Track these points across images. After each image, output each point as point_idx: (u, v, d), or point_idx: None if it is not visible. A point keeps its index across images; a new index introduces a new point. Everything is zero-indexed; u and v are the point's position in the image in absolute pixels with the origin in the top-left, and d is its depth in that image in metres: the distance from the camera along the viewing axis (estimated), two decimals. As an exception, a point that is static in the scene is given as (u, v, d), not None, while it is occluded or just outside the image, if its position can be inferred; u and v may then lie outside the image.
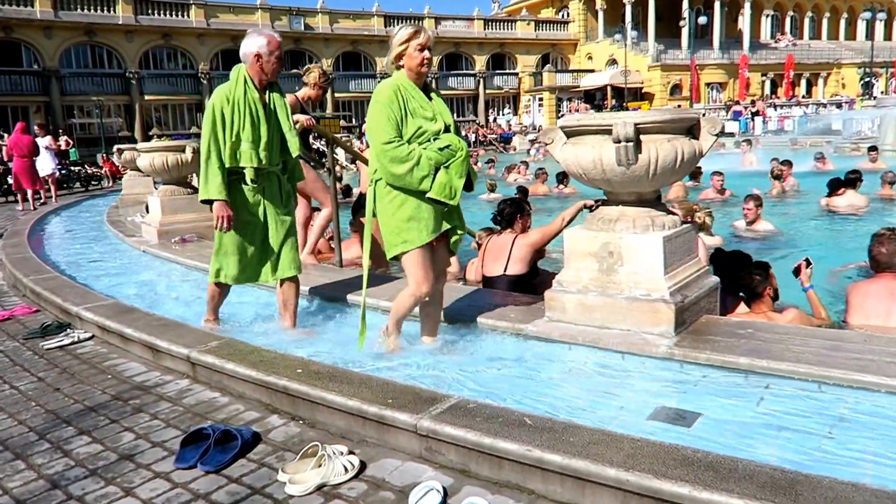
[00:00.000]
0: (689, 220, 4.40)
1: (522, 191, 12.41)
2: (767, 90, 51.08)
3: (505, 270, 5.16)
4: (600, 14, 51.00)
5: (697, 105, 42.30)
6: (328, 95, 44.22)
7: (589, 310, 3.64)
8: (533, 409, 2.92)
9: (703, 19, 47.33)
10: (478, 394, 3.13)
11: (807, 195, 12.18)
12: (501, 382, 3.31)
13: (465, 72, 49.55)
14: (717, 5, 48.72)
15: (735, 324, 3.63)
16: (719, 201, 11.39)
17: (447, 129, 3.55)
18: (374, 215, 3.61)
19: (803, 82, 53.07)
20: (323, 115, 41.65)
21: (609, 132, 3.33)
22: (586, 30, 52.17)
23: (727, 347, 3.24)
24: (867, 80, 47.59)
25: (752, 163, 18.39)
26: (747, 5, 50.36)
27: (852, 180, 10.30)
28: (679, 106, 42.83)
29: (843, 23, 57.08)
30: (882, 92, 46.02)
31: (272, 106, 4.11)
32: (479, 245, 6.07)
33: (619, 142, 3.25)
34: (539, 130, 42.89)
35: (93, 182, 22.88)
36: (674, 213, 3.70)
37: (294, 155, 4.17)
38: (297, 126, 5.89)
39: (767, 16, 54.75)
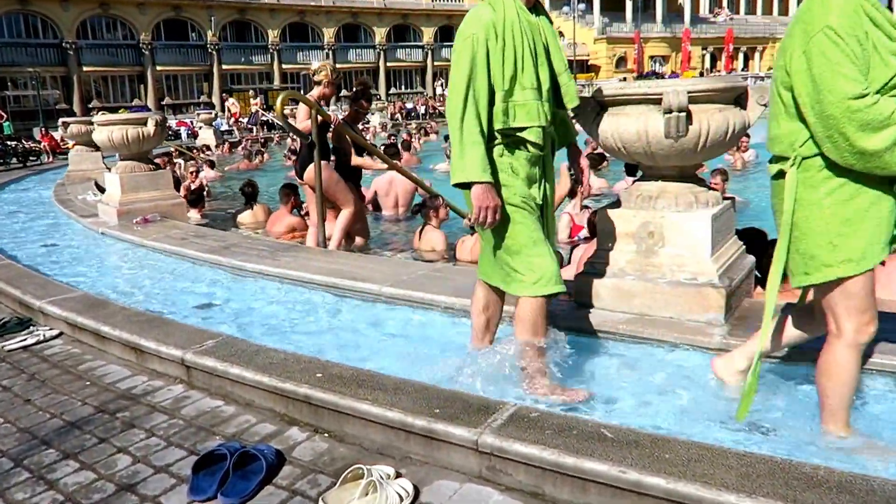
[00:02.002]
0: None
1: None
2: (708, 64, 51.75)
3: None
4: (547, -14, 50.55)
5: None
6: (275, 67, 42.71)
7: (626, 296, 3.30)
8: (586, 413, 2.58)
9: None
10: (512, 396, 2.75)
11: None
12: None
13: (413, 43, 48.56)
14: (659, -21, 48.89)
15: (786, 309, 3.33)
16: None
17: None
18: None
19: (741, 56, 53.95)
20: (270, 87, 40.34)
21: (656, 101, 2.97)
22: (533, 2, 51.65)
23: (786, 335, 2.94)
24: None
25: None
26: (687, -21, 50.72)
27: None
28: (625, 78, 42.93)
29: (776, -2, 58.23)
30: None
31: (544, 37, 2.76)
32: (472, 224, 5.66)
33: (671, 112, 2.89)
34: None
35: (31, 157, 21.37)
36: (715, 188, 3.36)
37: (572, 106, 2.88)
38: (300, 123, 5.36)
39: (706, -10, 55.35)
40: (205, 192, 9.83)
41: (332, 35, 44.51)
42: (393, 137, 17.30)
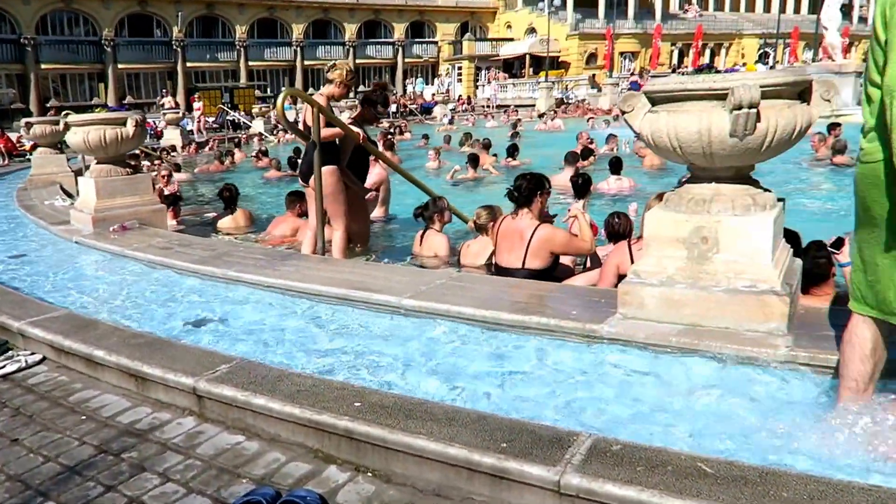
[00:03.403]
0: None
1: (473, 158, 11.93)
2: (675, 60, 52.16)
3: (523, 264, 4.49)
4: (518, -18, 50.45)
5: (617, 74, 42.53)
6: (241, 65, 41.90)
7: (676, 305, 3.08)
8: (646, 439, 2.33)
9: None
10: (562, 421, 2.51)
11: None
12: (598, 406, 2.68)
13: (383, 40, 48.01)
14: (629, -25, 49.09)
15: (842, 315, 3.14)
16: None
17: None
18: None
19: (707, 52, 54.49)
20: (237, 86, 39.49)
21: (720, 97, 2.75)
22: (505, -2, 51.59)
23: (860, 346, 2.74)
24: (764, 50, 49.56)
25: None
26: (658, -24, 51.04)
27: None
28: (594, 75, 43.00)
29: (744, -5, 58.93)
30: (777, 62, 47.89)
31: None
32: (478, 226, 5.39)
33: (740, 108, 2.66)
34: (458, 101, 42.12)
35: (-14, 160, 20.49)
36: (769, 191, 3.14)
37: None
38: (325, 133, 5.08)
39: (677, -14, 55.75)
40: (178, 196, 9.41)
41: (302, 31, 43.80)
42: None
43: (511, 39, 49.64)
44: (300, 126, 5.38)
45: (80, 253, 6.09)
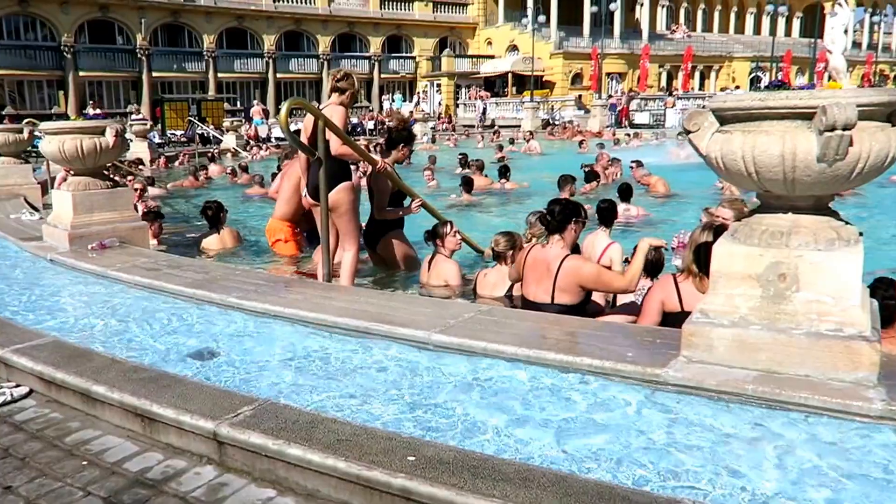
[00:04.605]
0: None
1: (467, 181, 11.86)
2: (664, 82, 53.05)
3: (552, 299, 4.33)
4: (500, -3, 51.03)
5: (606, 95, 42.98)
6: (210, 76, 41.59)
7: (750, 349, 2.94)
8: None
9: (610, 6, 47.92)
10: (643, 481, 2.33)
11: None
12: (678, 464, 2.47)
13: (358, 54, 48.00)
14: (617, -6, 49.96)
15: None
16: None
17: None
18: None
19: (697, 75, 55.57)
20: (205, 98, 39.14)
21: (804, 116, 2.63)
22: (486, 13, 52.00)
23: (960, 399, 2.62)
24: (756, 73, 50.67)
25: (681, 156, 18.52)
26: (645, -6, 52.09)
27: None
28: (580, 96, 43.47)
29: (733, 16, 60.36)
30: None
31: None
32: (496, 254, 5.22)
33: (833, 130, 2.54)
34: (440, 119, 42.19)
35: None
36: (850, 224, 3.02)
37: None
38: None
39: (663, 6, 56.88)
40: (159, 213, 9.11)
41: (273, 42, 43.65)
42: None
43: (491, 56, 50.00)
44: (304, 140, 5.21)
45: (55, 273, 5.79)
